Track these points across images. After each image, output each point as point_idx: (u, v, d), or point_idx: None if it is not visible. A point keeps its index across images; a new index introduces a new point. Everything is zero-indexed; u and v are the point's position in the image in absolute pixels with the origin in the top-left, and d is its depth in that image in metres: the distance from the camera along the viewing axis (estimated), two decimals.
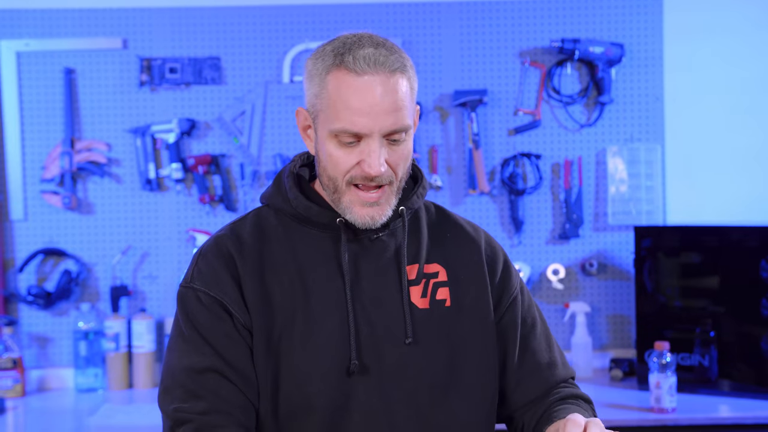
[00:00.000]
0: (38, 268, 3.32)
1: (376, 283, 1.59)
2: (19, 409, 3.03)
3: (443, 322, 1.59)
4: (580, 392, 1.65)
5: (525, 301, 1.70)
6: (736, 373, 2.99)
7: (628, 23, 3.38)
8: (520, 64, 3.38)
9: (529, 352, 1.66)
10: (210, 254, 1.58)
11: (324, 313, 1.55)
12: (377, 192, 1.51)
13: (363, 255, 1.59)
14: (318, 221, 1.58)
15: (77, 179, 3.32)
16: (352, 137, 1.47)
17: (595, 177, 3.41)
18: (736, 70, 3.42)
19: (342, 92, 1.46)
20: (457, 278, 1.62)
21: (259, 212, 1.66)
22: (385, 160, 1.50)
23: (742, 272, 3.00)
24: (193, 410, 1.50)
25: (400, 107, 1.47)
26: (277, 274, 1.58)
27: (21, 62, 3.30)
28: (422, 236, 1.65)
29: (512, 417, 1.69)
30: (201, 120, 3.33)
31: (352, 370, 1.53)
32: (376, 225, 1.54)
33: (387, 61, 1.47)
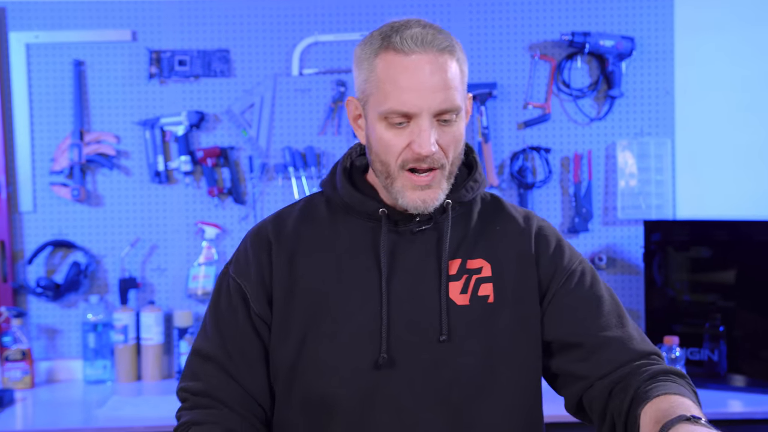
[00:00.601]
0: (47, 260, 3.33)
1: (414, 277, 1.58)
2: (28, 400, 3.04)
3: (484, 320, 1.57)
4: (671, 367, 1.53)
5: (587, 281, 1.63)
6: (746, 368, 2.98)
7: (639, 17, 3.37)
8: (530, 58, 3.37)
9: (595, 328, 1.59)
10: (250, 240, 1.63)
11: (357, 303, 1.56)
12: (429, 175, 1.50)
13: (403, 247, 1.59)
14: (362, 210, 1.58)
15: (86, 171, 3.32)
16: (401, 117, 1.47)
17: (604, 171, 3.41)
18: (747, 65, 3.41)
19: (390, 73, 1.46)
20: (501, 273, 1.59)
21: (312, 198, 1.68)
22: (435, 141, 1.49)
23: (753, 267, 3.00)
24: (191, 390, 1.57)
25: (450, 86, 1.47)
26: (311, 259, 1.59)
27: (30, 54, 3.30)
28: (469, 230, 1.63)
29: (582, 398, 1.60)
30: (210, 112, 3.33)
31: (380, 364, 1.53)
32: (428, 210, 1.53)
33: (435, 40, 1.46)
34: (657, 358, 1.56)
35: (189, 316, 3.31)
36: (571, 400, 1.60)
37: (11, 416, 2.85)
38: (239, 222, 3.37)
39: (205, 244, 3.33)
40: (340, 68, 3.36)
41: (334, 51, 3.37)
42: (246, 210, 3.36)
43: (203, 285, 3.34)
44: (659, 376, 1.48)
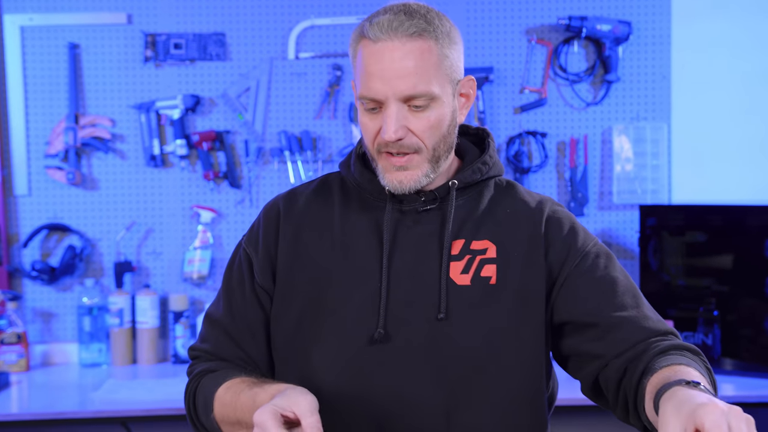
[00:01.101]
0: (42, 244, 3.33)
1: (416, 256, 1.58)
2: (24, 383, 3.04)
3: (485, 300, 1.56)
4: (686, 344, 1.52)
5: (601, 263, 1.62)
6: (740, 352, 3.00)
7: (636, 1, 3.37)
8: (527, 42, 3.36)
9: (613, 309, 1.57)
10: (263, 213, 1.68)
11: (358, 279, 1.57)
12: (404, 158, 1.52)
13: (407, 226, 1.60)
14: (370, 188, 1.60)
15: (81, 155, 3.31)
16: (373, 103, 1.49)
17: (600, 156, 3.41)
18: (744, 52, 3.41)
19: (363, 60, 1.50)
20: (507, 255, 1.59)
21: (327, 177, 1.71)
22: (407, 126, 1.49)
23: (747, 251, 3.00)
24: (200, 349, 1.64)
25: (418, 72, 1.47)
26: (317, 234, 1.62)
27: (25, 37, 3.29)
28: (478, 212, 1.63)
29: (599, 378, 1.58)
30: (205, 96, 3.33)
31: (376, 339, 1.54)
32: (405, 190, 1.53)
33: (402, 26, 1.47)
34: (673, 337, 1.55)
35: (184, 300, 3.31)
36: (587, 381, 1.59)
37: (7, 399, 2.85)
38: (235, 206, 3.37)
39: (200, 228, 3.34)
40: (336, 52, 3.35)
41: (331, 35, 3.36)
42: (242, 194, 3.37)
43: (198, 269, 3.34)
44: (671, 350, 1.47)
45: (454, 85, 1.55)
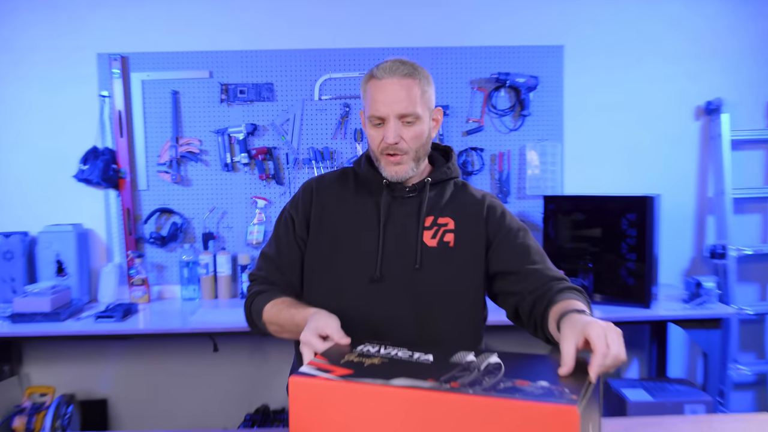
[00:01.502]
0: (156, 221, 3.47)
1: (401, 226, 1.65)
2: (147, 310, 3.21)
3: (445, 257, 1.63)
4: (574, 285, 1.58)
5: (521, 235, 1.68)
6: (605, 290, 3.12)
7: (542, 63, 3.46)
8: (470, 89, 3.45)
9: (527, 263, 1.63)
10: (302, 189, 1.75)
11: (363, 239, 1.64)
12: (397, 157, 1.60)
13: (396, 206, 1.66)
14: (373, 180, 1.68)
15: (180, 163, 3.45)
16: (378, 120, 1.58)
17: (518, 164, 3.50)
18: (612, 94, 3.52)
19: (371, 92, 1.59)
20: (461, 227, 1.66)
21: (346, 169, 1.77)
22: (401, 135, 1.57)
23: (610, 225, 3.09)
24: (256, 275, 1.72)
25: (410, 99, 1.56)
26: (337, 207, 1.69)
27: (144, 87, 3.41)
28: (443, 200, 1.69)
29: (518, 308, 1.62)
30: (260, 124, 3.44)
31: (375, 279, 1.61)
32: (400, 178, 1.62)
33: (398, 69, 1.57)
34: (565, 281, 1.60)
35: (247, 258, 3.41)
36: (509, 310, 1.65)
37: (136, 321, 3.01)
38: (279, 197, 3.47)
39: (257, 211, 3.46)
40: (345, 95, 3.42)
41: (342, 84, 3.43)
42: (284, 189, 3.46)
43: (256, 237, 3.44)
44: (565, 290, 1.53)
45: (429, 112, 1.63)
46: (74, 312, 3.09)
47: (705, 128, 3.58)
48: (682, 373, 3.70)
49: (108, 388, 3.58)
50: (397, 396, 1.13)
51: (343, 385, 1.16)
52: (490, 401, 1.09)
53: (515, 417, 1.08)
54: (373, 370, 1.21)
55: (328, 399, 1.17)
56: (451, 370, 1.22)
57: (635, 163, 3.59)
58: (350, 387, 1.15)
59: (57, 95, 3.42)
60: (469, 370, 1.22)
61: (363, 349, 1.34)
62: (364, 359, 1.27)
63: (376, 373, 1.20)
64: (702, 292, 3.12)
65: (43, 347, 3.52)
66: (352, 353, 1.31)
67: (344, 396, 1.16)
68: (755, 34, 3.54)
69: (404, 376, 1.18)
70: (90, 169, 3.32)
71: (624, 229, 3.07)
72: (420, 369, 1.22)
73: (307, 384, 1.18)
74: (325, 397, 1.17)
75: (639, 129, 3.58)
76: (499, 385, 1.14)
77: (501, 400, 1.09)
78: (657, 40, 3.54)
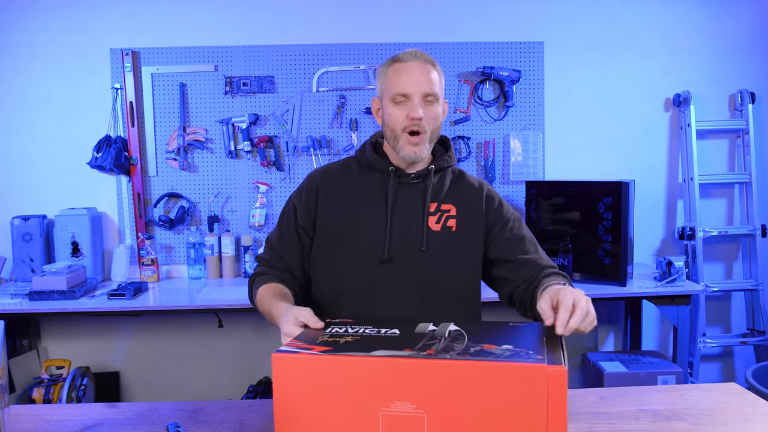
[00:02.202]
0: (165, 205, 3.48)
1: (408, 211, 1.65)
2: (156, 289, 3.23)
3: (448, 240, 1.64)
4: (560, 271, 1.63)
5: (516, 226, 1.70)
6: (583, 269, 3.14)
7: (524, 58, 3.48)
8: (458, 82, 3.46)
9: (522, 252, 1.65)
10: (306, 181, 1.74)
11: (372, 224, 1.64)
12: (418, 137, 1.58)
13: (402, 192, 1.66)
14: (378, 167, 1.67)
15: (187, 151, 3.45)
16: (402, 97, 1.57)
17: (503, 151, 3.51)
18: (589, 88, 3.54)
19: (395, 73, 1.59)
20: (462, 214, 1.67)
21: (349, 159, 1.76)
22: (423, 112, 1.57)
23: (588, 209, 3.11)
24: (262, 258, 1.74)
25: (431, 81, 1.57)
26: (345, 196, 1.67)
27: (154, 80, 3.42)
28: (444, 187, 1.69)
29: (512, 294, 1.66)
30: (262, 115, 3.44)
31: (384, 260, 1.61)
32: (418, 158, 1.61)
33: (422, 55, 1.59)
34: (555, 269, 1.64)
35: (250, 239, 3.42)
36: (504, 295, 1.69)
37: (146, 298, 3.02)
38: (280, 182, 3.47)
39: (259, 195, 3.47)
40: (341, 87, 3.41)
41: (338, 77, 3.41)
42: (284, 174, 3.46)
43: (258, 220, 3.45)
44: (552, 275, 1.58)
45: (442, 99, 1.63)
46: (89, 290, 3.12)
47: (674, 119, 3.62)
48: (655, 346, 3.75)
49: (120, 361, 3.62)
50: (381, 365, 1.12)
51: (326, 358, 1.15)
52: (467, 364, 1.10)
53: (490, 377, 1.09)
54: (350, 346, 1.21)
55: (311, 373, 1.15)
56: (421, 340, 1.23)
57: (611, 151, 3.61)
58: (334, 359, 1.14)
59: (73, 88, 3.45)
60: (435, 339, 1.22)
61: (333, 330, 1.33)
62: (338, 338, 1.26)
63: (354, 348, 1.19)
64: (672, 271, 3.15)
65: (59, 323, 3.55)
66: (324, 335, 1.30)
67: (328, 368, 1.15)
68: (721, 33, 3.59)
69: (382, 348, 1.18)
70: (103, 156, 3.34)
71: (601, 213, 3.08)
72: (392, 341, 1.23)
73: (291, 359, 1.16)
74: (309, 370, 1.15)
75: (614, 119, 3.60)
76: (469, 350, 1.15)
77: (477, 362, 1.10)
78: (631, 37, 3.57)
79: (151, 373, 3.62)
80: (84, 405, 1.64)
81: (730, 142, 3.66)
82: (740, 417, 1.47)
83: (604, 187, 3.08)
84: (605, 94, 3.58)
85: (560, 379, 1.05)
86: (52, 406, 1.64)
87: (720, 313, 3.77)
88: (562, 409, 1.06)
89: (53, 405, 1.69)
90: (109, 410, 1.58)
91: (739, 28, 3.59)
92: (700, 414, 1.49)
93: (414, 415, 1.13)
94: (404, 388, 1.12)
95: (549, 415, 1.06)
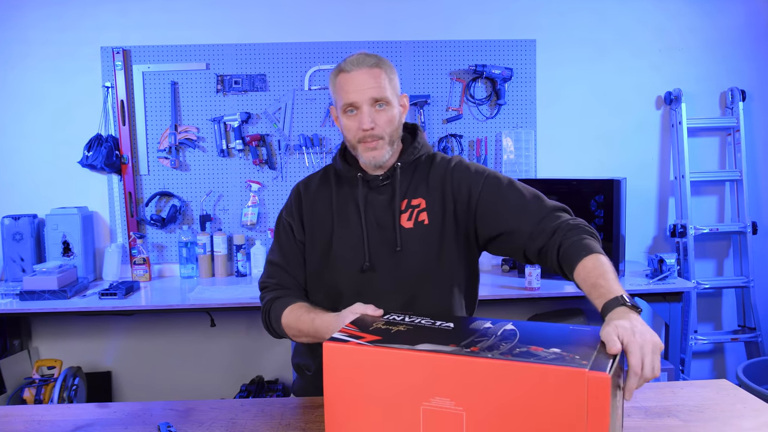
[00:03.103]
0: (156, 203, 3.48)
1: (380, 213, 1.65)
2: (148, 288, 3.23)
3: (423, 236, 1.62)
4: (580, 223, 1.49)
5: (492, 181, 1.62)
6: None
7: (516, 56, 3.49)
8: (450, 80, 3.47)
9: (511, 201, 1.57)
10: (293, 195, 1.74)
11: (349, 232, 1.65)
12: (374, 142, 1.58)
13: (373, 196, 1.66)
14: (348, 175, 1.68)
15: (179, 149, 3.45)
16: (351, 106, 1.57)
17: (495, 149, 3.52)
18: (581, 85, 3.56)
19: (342, 84, 1.57)
20: (432, 203, 1.64)
21: (327, 168, 1.76)
22: (375, 121, 1.56)
23: (580, 207, 3.07)
24: (268, 283, 1.70)
25: (379, 85, 1.55)
26: (326, 209, 1.69)
27: (145, 78, 3.42)
28: (413, 180, 1.66)
29: (525, 249, 1.55)
30: (254, 113, 3.44)
31: (364, 268, 1.62)
32: (377, 162, 1.60)
33: (365, 61, 1.57)
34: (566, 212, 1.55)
35: (242, 238, 3.41)
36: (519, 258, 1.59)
37: (138, 298, 3.02)
38: (272, 181, 3.47)
39: (251, 194, 3.47)
40: None
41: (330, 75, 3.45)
42: (276, 173, 3.47)
43: (250, 219, 3.45)
44: (574, 229, 1.46)
45: (397, 98, 1.61)
46: (80, 290, 3.12)
47: (666, 116, 3.63)
48: None
49: (112, 361, 3.61)
50: (422, 360, 1.15)
51: (372, 350, 1.18)
52: (507, 364, 1.10)
53: (529, 379, 1.09)
54: (399, 337, 1.24)
55: (357, 362, 1.20)
56: (471, 336, 1.23)
57: (603, 149, 3.62)
58: (379, 351, 1.18)
59: (64, 86, 3.44)
60: (486, 336, 1.23)
61: (390, 318, 1.37)
62: (390, 327, 1.30)
63: (402, 339, 1.22)
64: (664, 268, 3.15)
65: (50, 323, 3.54)
66: (380, 321, 1.34)
67: (373, 359, 1.18)
68: (713, 31, 3.61)
69: (428, 342, 1.20)
70: (94, 155, 3.34)
71: (593, 210, 3.10)
72: (442, 335, 1.25)
73: (340, 349, 1.21)
74: (355, 360, 1.20)
75: (606, 117, 3.61)
76: (514, 350, 1.15)
77: (516, 363, 1.10)
78: (623, 35, 3.58)
79: (144, 372, 3.61)
80: (75, 405, 1.65)
81: (721, 140, 3.67)
82: (731, 413, 1.48)
83: (596, 184, 3.10)
84: (597, 91, 3.59)
85: (602, 385, 1.04)
86: (42, 407, 1.64)
87: (711, 310, 3.78)
88: (604, 416, 1.04)
89: (44, 405, 1.68)
90: (101, 410, 1.58)
91: (730, 26, 3.61)
92: (691, 410, 1.49)
93: (453, 412, 1.14)
94: (444, 383, 1.14)
95: (589, 421, 1.05)
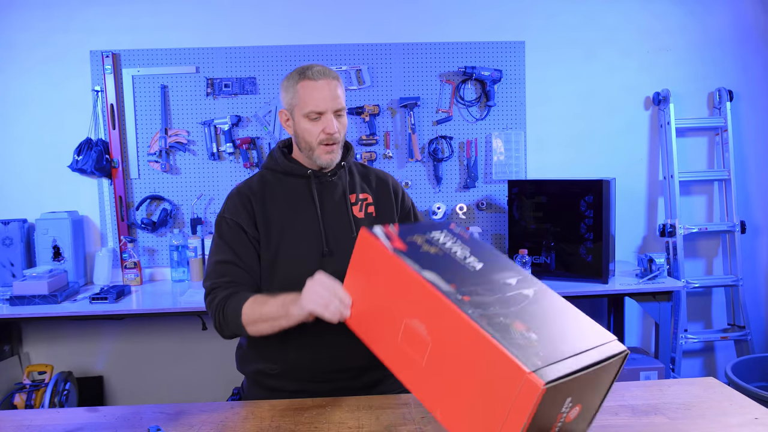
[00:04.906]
0: (147, 207, 3.48)
1: (333, 205, 1.76)
2: (139, 292, 3.23)
3: (371, 224, 1.66)
4: None
5: (414, 211, 1.89)
6: (566, 267, 3.15)
7: (506, 57, 3.51)
8: (440, 82, 3.48)
9: None
10: (234, 197, 1.77)
11: (305, 224, 1.73)
12: (333, 146, 1.70)
13: (325, 190, 1.78)
14: (297, 173, 1.77)
15: (169, 153, 3.45)
16: (317, 114, 1.67)
17: (485, 150, 3.53)
18: (570, 86, 3.57)
19: (308, 91, 1.66)
20: (378, 200, 1.83)
21: (261, 173, 1.82)
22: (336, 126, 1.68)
23: (570, 207, 3.12)
24: (220, 281, 1.68)
25: (339, 96, 1.68)
26: (275, 206, 1.74)
27: (135, 82, 3.42)
28: (356, 179, 1.84)
29: None
30: (244, 116, 3.44)
31: (324, 253, 1.71)
32: (332, 164, 1.73)
33: (328, 73, 1.68)
34: None
35: None
36: None
37: (129, 301, 3.02)
38: None
39: None
40: None
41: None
42: None
43: None
44: None
45: None
46: (70, 294, 3.11)
47: (654, 117, 3.65)
48: (637, 342, 3.79)
49: (103, 366, 3.60)
50: (415, 284, 1.22)
51: (388, 255, 1.28)
52: (471, 326, 1.10)
53: (479, 349, 1.08)
54: (422, 257, 1.29)
55: (376, 257, 1.30)
56: (479, 285, 1.23)
57: (592, 149, 3.63)
58: (391, 258, 1.26)
59: (53, 90, 3.44)
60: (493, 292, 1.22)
61: (431, 236, 1.41)
62: (425, 244, 1.35)
63: (419, 259, 1.27)
64: (654, 268, 3.16)
65: (41, 328, 3.53)
66: (422, 236, 1.39)
67: (386, 262, 1.28)
68: (701, 32, 3.63)
69: (436, 273, 1.24)
70: (84, 159, 3.33)
71: (582, 211, 3.11)
72: (457, 272, 1.27)
73: (369, 240, 1.33)
74: (375, 255, 1.31)
75: (595, 117, 3.63)
76: (498, 317, 1.13)
77: (478, 330, 1.09)
78: (611, 36, 3.60)
79: (135, 376, 3.60)
80: (65, 410, 1.65)
81: (709, 140, 3.69)
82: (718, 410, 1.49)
83: (585, 185, 3.11)
84: (586, 92, 3.60)
85: (532, 390, 1.01)
86: (32, 412, 1.64)
87: (701, 309, 3.80)
88: (522, 417, 1.03)
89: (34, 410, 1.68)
90: (91, 414, 1.57)
91: (717, 27, 3.63)
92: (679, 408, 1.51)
93: (424, 338, 1.21)
94: (424, 312, 1.21)
95: (507, 418, 1.05)
